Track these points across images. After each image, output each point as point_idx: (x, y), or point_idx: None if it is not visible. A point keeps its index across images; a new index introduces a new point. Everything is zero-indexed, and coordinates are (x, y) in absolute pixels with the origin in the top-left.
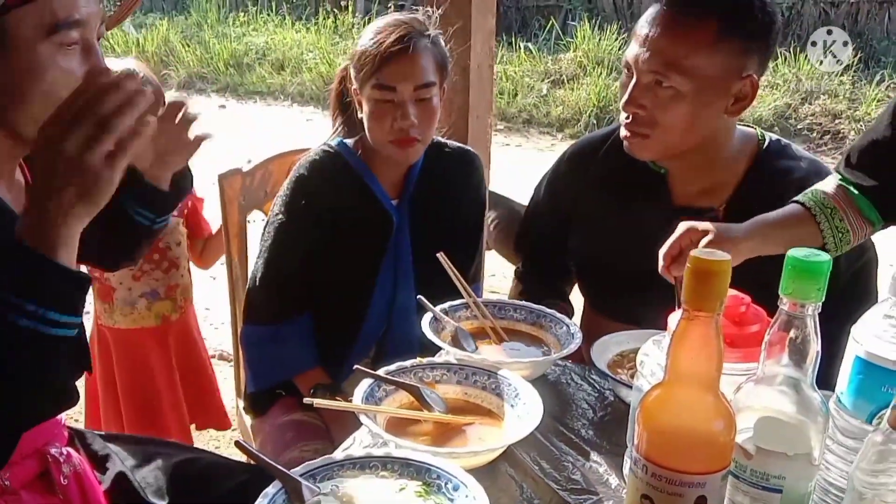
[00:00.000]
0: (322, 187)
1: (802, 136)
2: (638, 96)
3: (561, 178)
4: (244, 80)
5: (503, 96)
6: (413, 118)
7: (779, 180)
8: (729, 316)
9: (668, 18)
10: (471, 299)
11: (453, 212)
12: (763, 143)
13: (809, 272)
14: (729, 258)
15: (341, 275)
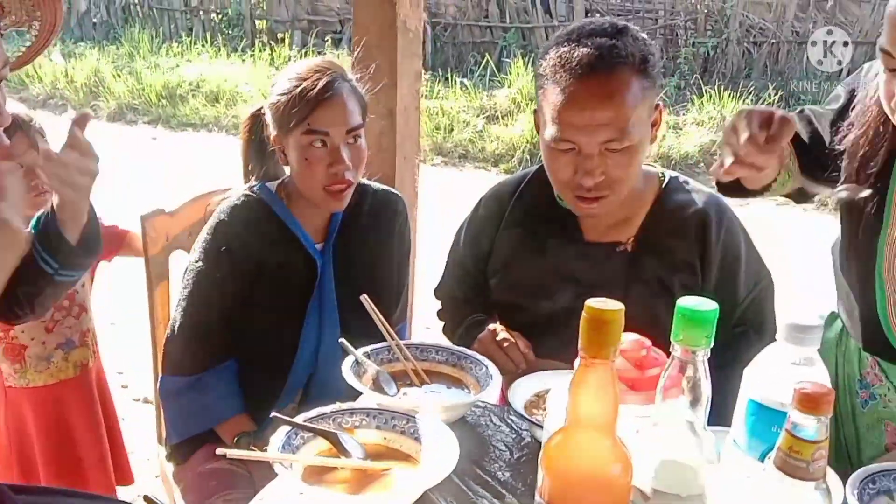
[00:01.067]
0: (243, 234)
1: None
2: (596, 167)
3: (478, 222)
4: (177, 112)
5: (439, 131)
6: (348, 161)
7: (679, 213)
8: (630, 359)
9: (595, 89)
10: (393, 342)
11: (377, 254)
12: (664, 180)
13: (698, 321)
14: (622, 307)
15: (266, 321)
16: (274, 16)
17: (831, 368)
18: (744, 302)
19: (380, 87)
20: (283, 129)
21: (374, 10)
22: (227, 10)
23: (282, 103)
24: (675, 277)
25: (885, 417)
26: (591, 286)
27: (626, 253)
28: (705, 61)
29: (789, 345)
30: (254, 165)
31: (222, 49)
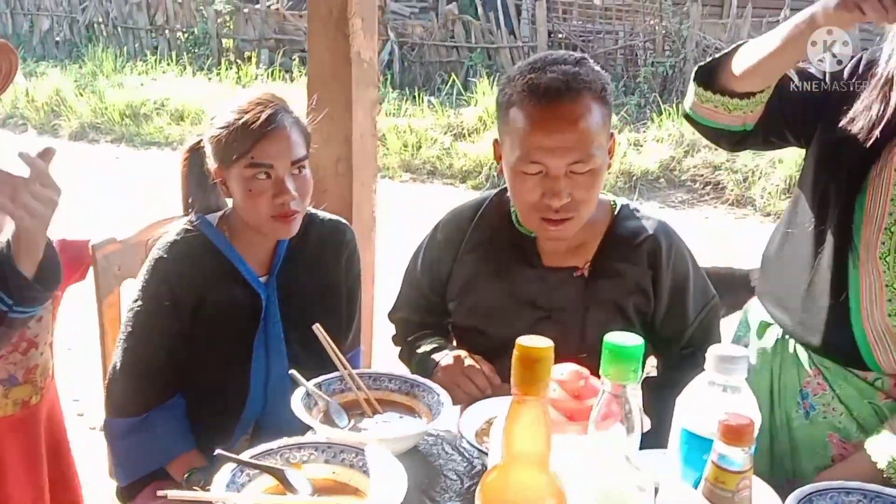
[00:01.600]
0: (182, 270)
1: (686, 187)
2: (563, 188)
3: (436, 246)
4: (141, 131)
5: (407, 149)
6: (293, 192)
7: (632, 240)
8: (569, 390)
9: (561, 113)
10: (346, 371)
11: (324, 284)
12: (615, 207)
13: (625, 356)
14: (551, 344)
15: (212, 357)
16: (241, 35)
17: (766, 380)
18: (693, 324)
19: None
20: (225, 162)
21: (327, 42)
22: (193, 28)
23: (223, 136)
24: (630, 301)
25: (829, 429)
26: (549, 310)
27: (582, 278)
28: (664, 80)
29: (717, 374)
30: (194, 198)
31: (188, 67)
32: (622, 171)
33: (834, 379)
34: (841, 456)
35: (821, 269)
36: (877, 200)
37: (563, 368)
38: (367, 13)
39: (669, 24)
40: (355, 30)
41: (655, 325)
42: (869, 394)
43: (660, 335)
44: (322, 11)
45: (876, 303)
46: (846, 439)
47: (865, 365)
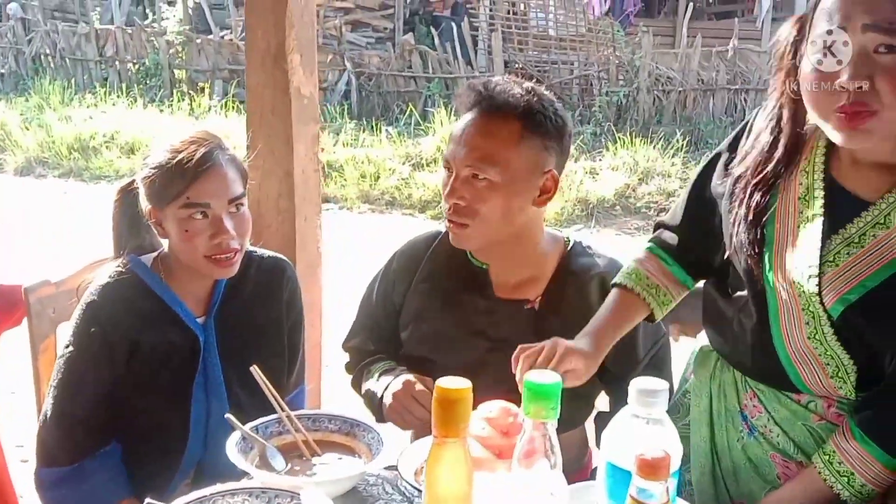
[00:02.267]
0: (116, 314)
1: (641, 214)
2: (458, 188)
3: (392, 276)
4: (90, 165)
5: (366, 179)
6: (232, 230)
7: (582, 275)
8: (497, 427)
9: (479, 120)
10: (283, 413)
11: (265, 322)
12: (569, 244)
13: (544, 394)
14: (469, 385)
15: (149, 402)
16: (194, 65)
17: (706, 404)
18: (643, 361)
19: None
20: (159, 202)
21: (266, 78)
22: (144, 59)
23: (156, 176)
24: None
25: (770, 450)
26: (499, 341)
27: (533, 310)
28: (618, 109)
29: (639, 407)
30: (127, 239)
31: (139, 99)
32: (579, 199)
33: (768, 402)
34: (785, 475)
35: (743, 295)
36: (785, 223)
37: (492, 405)
38: (306, 49)
39: (623, 55)
40: (294, 65)
41: (606, 361)
42: (803, 416)
43: (611, 371)
44: (260, 47)
45: (795, 326)
46: (788, 459)
47: (795, 387)
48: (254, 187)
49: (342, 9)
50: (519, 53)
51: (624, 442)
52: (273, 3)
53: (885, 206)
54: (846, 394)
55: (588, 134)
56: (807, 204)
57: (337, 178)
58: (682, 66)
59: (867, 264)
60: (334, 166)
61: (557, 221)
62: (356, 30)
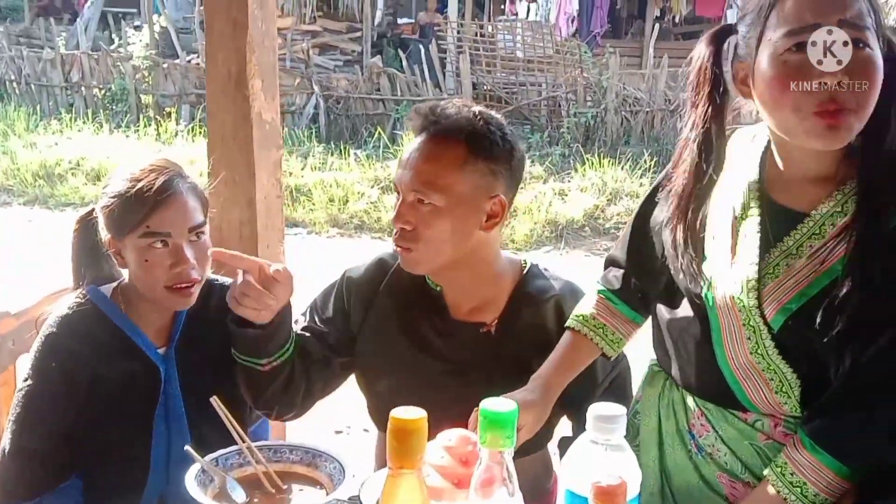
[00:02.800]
0: (75, 346)
1: (610, 234)
2: (404, 213)
3: (355, 287)
4: (55, 192)
5: (334, 203)
6: (192, 259)
7: (538, 298)
8: (456, 456)
9: (424, 144)
10: (244, 444)
11: (227, 350)
12: (525, 267)
13: (500, 423)
14: (424, 415)
15: (109, 436)
16: (161, 90)
17: (655, 423)
18: (603, 383)
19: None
20: (119, 232)
21: (227, 103)
22: (110, 85)
23: (115, 205)
24: (535, 359)
25: (717, 470)
26: (456, 363)
27: (489, 334)
28: (587, 130)
29: (597, 434)
30: (86, 270)
31: (105, 125)
32: (548, 220)
33: (716, 421)
34: (732, 495)
35: (686, 312)
36: (722, 240)
37: (451, 434)
38: (268, 74)
39: (590, 76)
40: (255, 91)
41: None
42: (749, 435)
43: (571, 395)
44: (221, 73)
45: (737, 341)
46: (734, 479)
47: (741, 405)
48: (216, 215)
49: (309, 32)
50: (487, 75)
51: (582, 468)
52: (233, 29)
53: (820, 217)
54: (791, 410)
55: (557, 155)
56: (743, 220)
57: (305, 202)
58: (650, 86)
59: (805, 274)
60: (302, 190)
61: (527, 243)
62: (324, 53)
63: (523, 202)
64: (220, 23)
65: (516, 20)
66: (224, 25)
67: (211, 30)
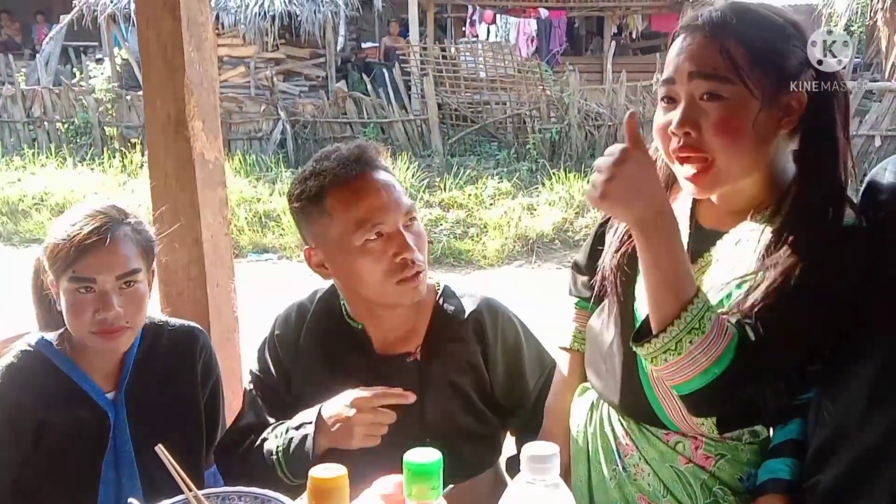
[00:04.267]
0: (21, 396)
1: (580, 246)
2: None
3: (277, 340)
4: (19, 228)
5: None
6: (118, 307)
7: (456, 318)
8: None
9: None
10: (191, 493)
11: (178, 394)
12: (438, 290)
13: (424, 474)
14: (344, 473)
15: (57, 484)
16: (125, 122)
17: (583, 440)
18: (534, 390)
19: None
20: (54, 274)
21: (168, 146)
22: (73, 118)
23: (52, 249)
24: (465, 379)
25: (638, 491)
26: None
27: (416, 362)
28: (552, 145)
29: (532, 475)
30: (42, 312)
31: (69, 159)
32: (518, 235)
33: (639, 441)
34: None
35: (611, 331)
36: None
37: (387, 481)
38: (208, 115)
39: (552, 93)
40: (196, 132)
41: (498, 399)
42: (671, 457)
43: (506, 408)
44: (160, 117)
45: None
46: (654, 501)
47: (663, 423)
48: (163, 255)
49: (273, 59)
50: (452, 96)
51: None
52: (169, 73)
53: (736, 232)
54: (708, 431)
55: (524, 171)
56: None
57: (275, 227)
58: (610, 100)
59: (719, 286)
60: (272, 216)
61: (499, 258)
62: (288, 79)
63: (493, 218)
64: (156, 67)
65: (477, 42)
66: (161, 69)
67: (148, 75)
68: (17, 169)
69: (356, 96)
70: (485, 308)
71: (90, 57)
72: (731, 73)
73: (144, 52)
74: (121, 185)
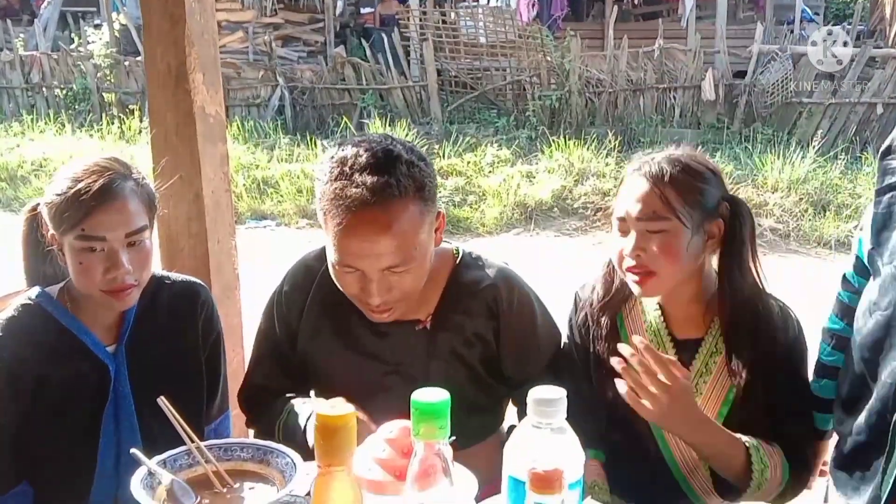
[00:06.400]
0: (21, 349)
1: (578, 214)
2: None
3: (285, 298)
4: (18, 195)
5: (303, 194)
6: (127, 265)
7: (472, 289)
8: (398, 448)
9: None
10: (193, 444)
11: (179, 347)
12: (458, 256)
13: (432, 413)
14: (352, 411)
15: (58, 437)
16: (123, 88)
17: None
18: (544, 366)
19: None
20: (57, 230)
21: (169, 99)
22: (71, 84)
23: (55, 204)
24: (473, 351)
25: None
26: (394, 364)
27: (424, 331)
28: (552, 112)
29: (538, 418)
30: (35, 268)
31: (67, 125)
32: (517, 202)
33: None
34: None
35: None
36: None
37: (392, 426)
38: (209, 67)
39: (553, 59)
40: (197, 85)
41: (505, 372)
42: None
43: (515, 381)
44: (160, 69)
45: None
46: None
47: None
48: (165, 211)
49: (271, 24)
50: (451, 62)
51: (524, 454)
52: (170, 25)
53: (712, 338)
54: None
55: (523, 138)
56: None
57: (273, 194)
58: (611, 67)
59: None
60: (270, 182)
61: (497, 226)
62: (287, 45)
63: (492, 186)
64: (157, 18)
65: (478, 6)
66: (161, 20)
67: (149, 26)
68: (16, 135)
69: (355, 62)
70: (501, 281)
71: (88, 22)
72: (669, 212)
73: (145, 4)
74: (119, 152)
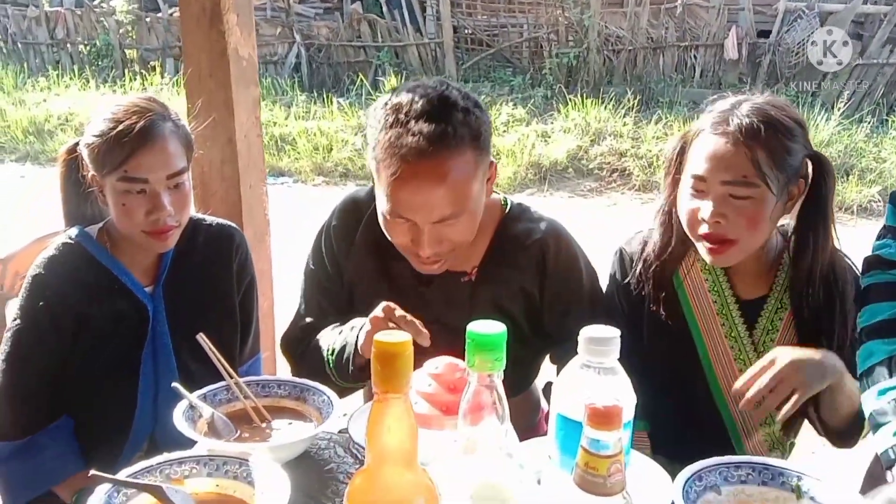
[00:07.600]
0: (62, 286)
1: (594, 175)
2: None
3: (334, 231)
4: (46, 148)
5: (319, 151)
6: (169, 207)
7: (520, 242)
8: (444, 384)
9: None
10: (232, 380)
11: (214, 289)
12: (506, 207)
13: (488, 345)
14: (409, 339)
15: (98, 374)
16: (144, 44)
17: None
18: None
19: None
20: (99, 171)
21: (203, 40)
22: (94, 41)
23: (96, 145)
24: (516, 305)
25: None
26: (436, 314)
27: (469, 283)
28: (569, 71)
29: (589, 357)
30: (72, 207)
31: (91, 80)
32: (531, 162)
33: None
34: None
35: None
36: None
37: (438, 361)
38: (243, 8)
39: (571, 15)
40: (231, 26)
41: (549, 329)
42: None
43: (555, 338)
44: (194, 10)
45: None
46: None
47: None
48: (198, 155)
49: None
50: (468, 18)
51: (574, 393)
52: None
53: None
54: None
55: (539, 97)
56: (725, 318)
57: (290, 151)
58: (631, 24)
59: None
60: (287, 139)
61: (511, 186)
62: (304, 1)
63: (506, 145)
64: None
65: None
66: None
67: None
68: (42, 90)
69: (371, 19)
70: (551, 236)
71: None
72: (759, 178)
73: None
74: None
